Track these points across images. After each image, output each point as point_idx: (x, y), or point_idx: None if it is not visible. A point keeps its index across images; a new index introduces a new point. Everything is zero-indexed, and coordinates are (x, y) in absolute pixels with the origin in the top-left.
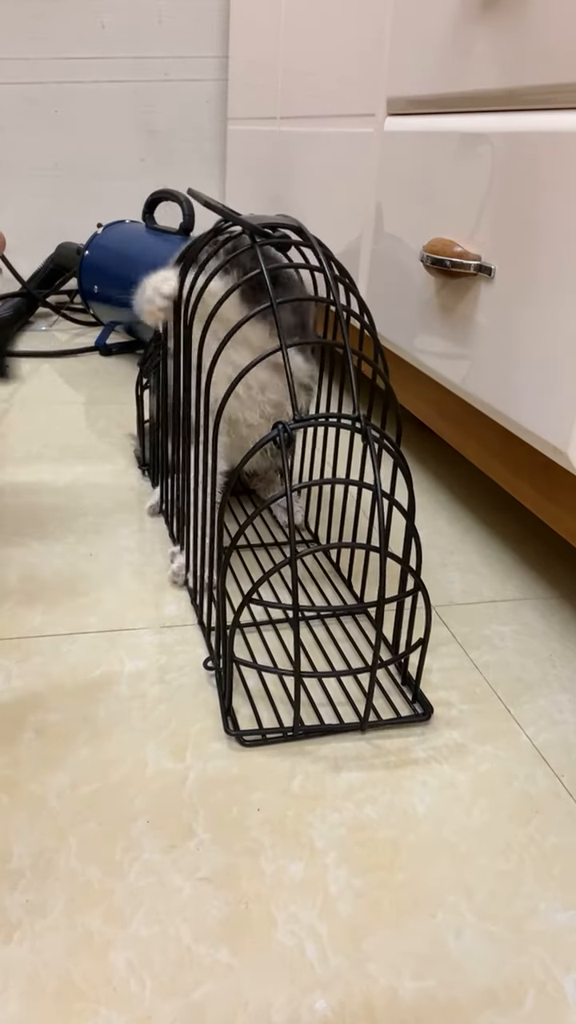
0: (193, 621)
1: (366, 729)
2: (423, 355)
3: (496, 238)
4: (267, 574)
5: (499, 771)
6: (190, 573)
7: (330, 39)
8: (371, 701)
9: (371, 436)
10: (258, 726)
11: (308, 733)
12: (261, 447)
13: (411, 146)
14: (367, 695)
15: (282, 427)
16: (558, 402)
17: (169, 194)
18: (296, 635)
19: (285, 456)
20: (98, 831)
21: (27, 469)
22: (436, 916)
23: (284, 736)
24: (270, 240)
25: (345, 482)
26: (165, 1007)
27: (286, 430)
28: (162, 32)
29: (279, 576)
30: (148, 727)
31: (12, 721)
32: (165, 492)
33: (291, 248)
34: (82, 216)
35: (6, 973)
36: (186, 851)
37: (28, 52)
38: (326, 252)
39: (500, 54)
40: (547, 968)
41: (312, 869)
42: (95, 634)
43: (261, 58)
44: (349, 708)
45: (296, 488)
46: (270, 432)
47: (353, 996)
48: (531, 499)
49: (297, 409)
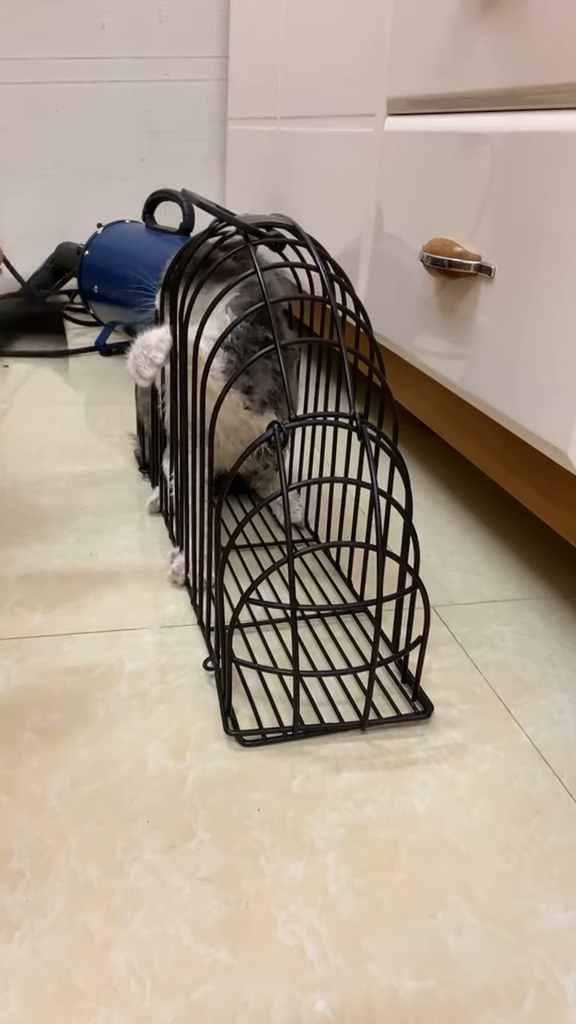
0: (193, 621)
1: (366, 728)
2: (423, 355)
3: (496, 238)
4: (265, 573)
5: (499, 771)
6: (189, 573)
7: (330, 39)
8: (371, 699)
9: (367, 435)
10: (258, 726)
11: (308, 732)
12: (257, 447)
13: (411, 146)
14: (367, 693)
15: (277, 426)
16: (558, 402)
17: (169, 194)
18: (294, 634)
19: (281, 456)
20: (98, 831)
21: (27, 469)
22: (436, 916)
23: (284, 736)
24: (264, 239)
25: (342, 481)
26: (165, 1007)
27: (282, 429)
28: (162, 32)
29: (279, 575)
30: (148, 727)
31: (12, 721)
32: (164, 493)
33: (285, 247)
34: (82, 216)
35: (6, 973)
36: (186, 851)
37: (28, 52)
38: (321, 251)
39: (500, 54)
40: (547, 968)
41: (312, 869)
42: (95, 634)
43: (261, 58)
44: (349, 707)
45: (294, 487)
46: (266, 432)
47: (353, 996)
48: (531, 499)
49: (292, 408)
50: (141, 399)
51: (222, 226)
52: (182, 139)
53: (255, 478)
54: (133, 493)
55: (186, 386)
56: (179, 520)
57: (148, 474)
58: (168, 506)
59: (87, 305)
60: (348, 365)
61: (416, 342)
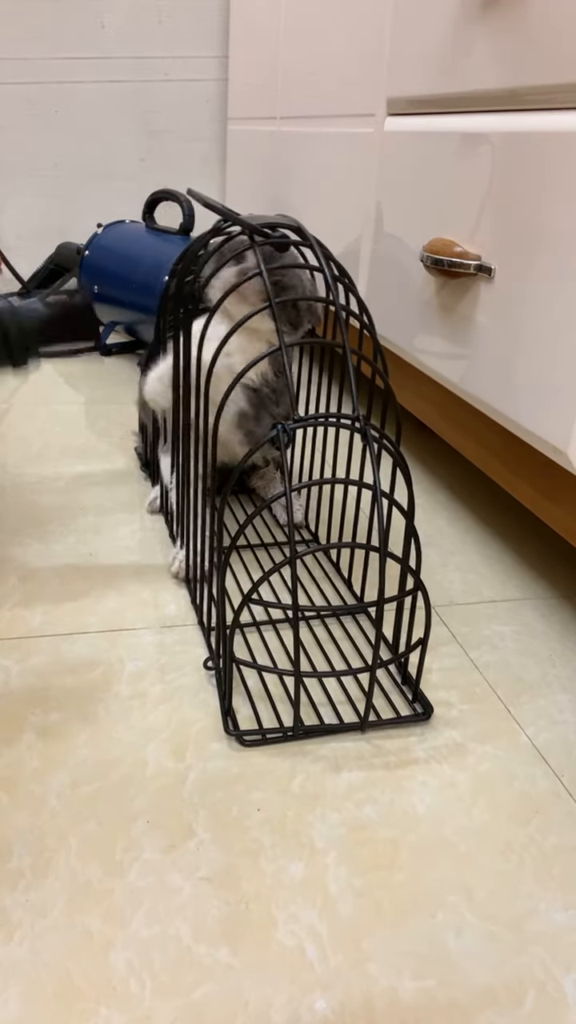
0: (193, 621)
1: (366, 729)
2: (423, 355)
3: (496, 238)
4: (267, 574)
5: (499, 771)
6: (190, 573)
7: (330, 39)
8: (371, 701)
9: (370, 436)
10: (258, 726)
11: (308, 733)
12: (261, 446)
13: (411, 146)
14: (367, 695)
15: (281, 427)
16: (558, 402)
17: (169, 194)
18: (296, 635)
19: (285, 456)
20: (98, 831)
21: (27, 469)
22: (436, 916)
23: (284, 736)
24: (269, 240)
25: (344, 482)
26: (165, 1007)
27: (285, 430)
28: (162, 32)
29: (279, 576)
30: (148, 727)
31: (12, 721)
32: (164, 491)
33: (290, 248)
34: (82, 216)
35: (6, 973)
36: (186, 851)
37: (28, 52)
38: (325, 252)
39: (500, 54)
40: (547, 968)
41: (312, 869)
42: (95, 634)
43: (261, 58)
44: (349, 708)
45: (296, 488)
46: (270, 432)
47: (353, 996)
48: (531, 499)
49: (296, 408)
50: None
51: (227, 226)
52: (182, 139)
53: (255, 476)
54: (133, 493)
55: (188, 390)
56: (180, 519)
57: (149, 473)
58: (168, 504)
59: None
60: (351, 366)
61: (416, 342)
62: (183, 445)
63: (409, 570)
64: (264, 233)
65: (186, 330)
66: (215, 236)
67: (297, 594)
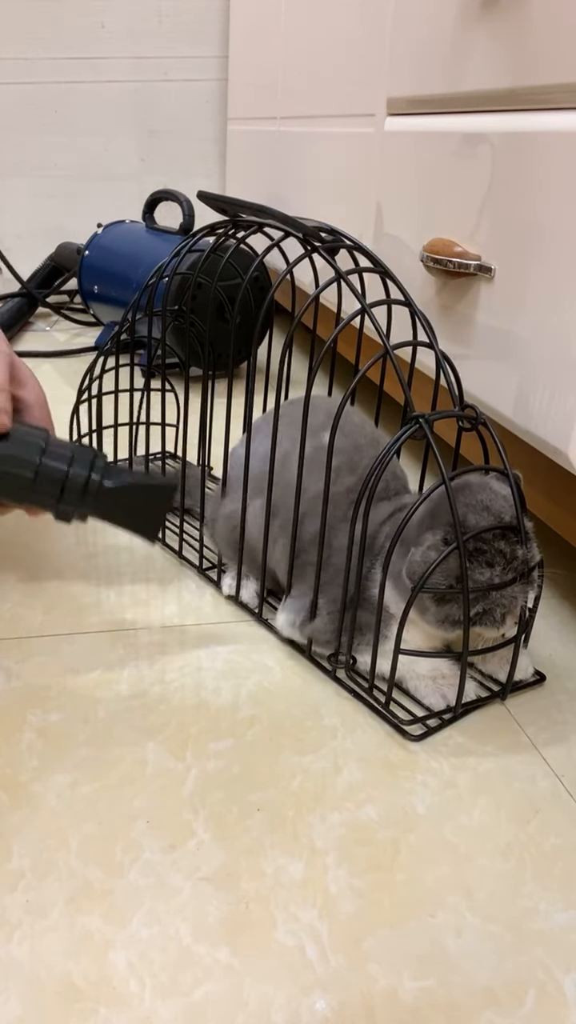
0: (193, 621)
1: (506, 696)
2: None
3: (496, 238)
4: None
5: (499, 771)
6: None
7: (330, 39)
8: (515, 666)
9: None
10: (412, 716)
11: (465, 712)
12: (400, 444)
13: (411, 146)
14: (511, 664)
15: (424, 419)
16: (558, 402)
17: (169, 194)
18: (465, 616)
19: (430, 448)
20: (98, 831)
21: None
22: (436, 916)
23: (443, 723)
24: (326, 244)
25: (480, 468)
26: (165, 1007)
27: (427, 421)
28: (162, 32)
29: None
30: (148, 727)
31: (12, 721)
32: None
33: (339, 252)
34: (82, 216)
35: (6, 973)
36: (186, 851)
37: (28, 52)
38: (371, 256)
39: (500, 54)
40: (547, 968)
41: (312, 869)
42: (95, 634)
43: (261, 58)
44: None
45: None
46: (410, 427)
47: (353, 996)
48: (532, 499)
49: (412, 407)
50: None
51: (252, 227)
52: (182, 139)
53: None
54: None
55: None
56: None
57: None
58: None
59: (87, 305)
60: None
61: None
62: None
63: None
64: (320, 238)
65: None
66: (211, 236)
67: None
